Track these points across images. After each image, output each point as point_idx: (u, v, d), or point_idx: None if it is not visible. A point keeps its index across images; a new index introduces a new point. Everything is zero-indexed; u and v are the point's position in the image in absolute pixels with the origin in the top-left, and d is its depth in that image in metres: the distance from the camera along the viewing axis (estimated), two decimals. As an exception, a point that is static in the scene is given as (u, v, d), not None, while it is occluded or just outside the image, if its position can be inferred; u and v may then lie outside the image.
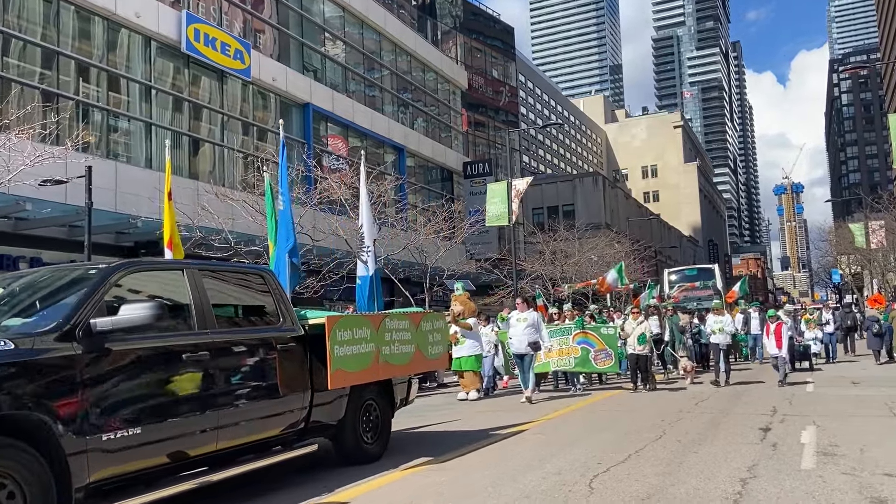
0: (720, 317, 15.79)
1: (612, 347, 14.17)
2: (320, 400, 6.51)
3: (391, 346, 7.13)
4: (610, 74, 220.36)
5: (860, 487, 5.72)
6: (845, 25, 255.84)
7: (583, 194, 57.53)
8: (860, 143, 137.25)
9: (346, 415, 6.89)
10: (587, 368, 14.35)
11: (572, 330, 14.38)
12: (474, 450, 7.83)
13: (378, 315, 7.54)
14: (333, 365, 6.17)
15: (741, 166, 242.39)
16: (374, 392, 7.38)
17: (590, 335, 14.11)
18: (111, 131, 20.81)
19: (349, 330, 6.54)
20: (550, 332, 14.04)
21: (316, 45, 29.58)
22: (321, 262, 19.78)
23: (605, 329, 14.65)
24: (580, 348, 14.01)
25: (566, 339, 14.17)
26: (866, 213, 49.45)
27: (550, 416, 10.66)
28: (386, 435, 7.56)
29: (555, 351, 14.00)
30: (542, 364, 13.86)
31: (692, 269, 39.67)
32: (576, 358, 14.00)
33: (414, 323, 7.69)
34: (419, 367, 8.05)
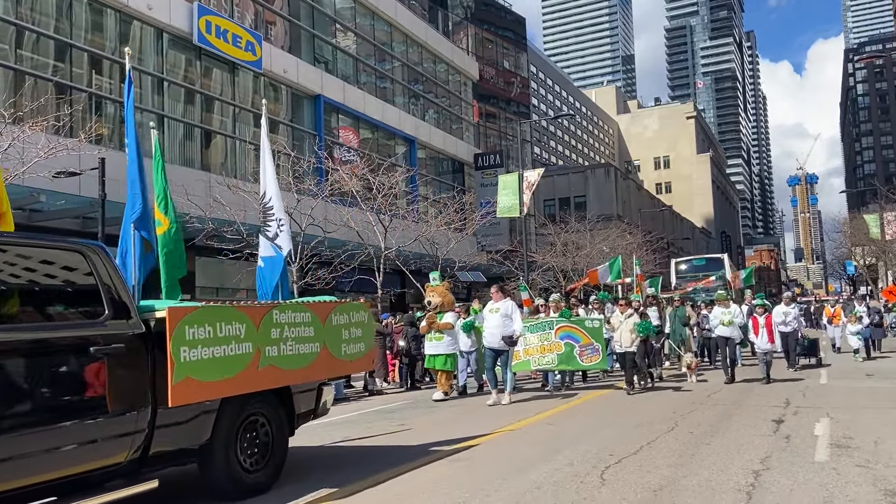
0: (727, 308, 14.25)
1: (598, 342, 12.69)
2: (169, 419, 4.99)
3: (281, 345, 5.74)
4: (622, 65, 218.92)
5: (874, 480, 5.69)
6: (860, 14, 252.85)
7: (594, 185, 57.29)
8: (875, 133, 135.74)
9: (215, 436, 5.40)
10: (572, 366, 12.93)
11: (555, 324, 12.86)
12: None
13: (260, 306, 5.81)
14: (179, 373, 4.77)
15: (755, 157, 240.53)
16: (264, 404, 5.94)
17: (574, 329, 12.69)
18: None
19: (208, 325, 5.08)
20: (531, 326, 12.85)
21: (327, 36, 29.55)
22: (332, 254, 19.83)
23: (590, 322, 13.18)
24: (563, 343, 12.60)
25: (548, 333, 12.74)
26: (881, 204, 48.95)
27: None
28: (278, 459, 6.04)
29: (536, 347, 12.66)
30: (521, 362, 12.68)
31: (700, 258, 38.76)
32: (559, 354, 12.61)
33: (319, 315, 6.27)
34: (327, 371, 6.53)
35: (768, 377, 13.18)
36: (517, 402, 11.71)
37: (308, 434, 8.19)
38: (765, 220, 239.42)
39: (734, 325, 13.78)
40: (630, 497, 5.36)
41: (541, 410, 10.59)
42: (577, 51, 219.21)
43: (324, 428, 9.90)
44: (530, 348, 12.67)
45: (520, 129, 37.88)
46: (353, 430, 9.51)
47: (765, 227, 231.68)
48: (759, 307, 14.44)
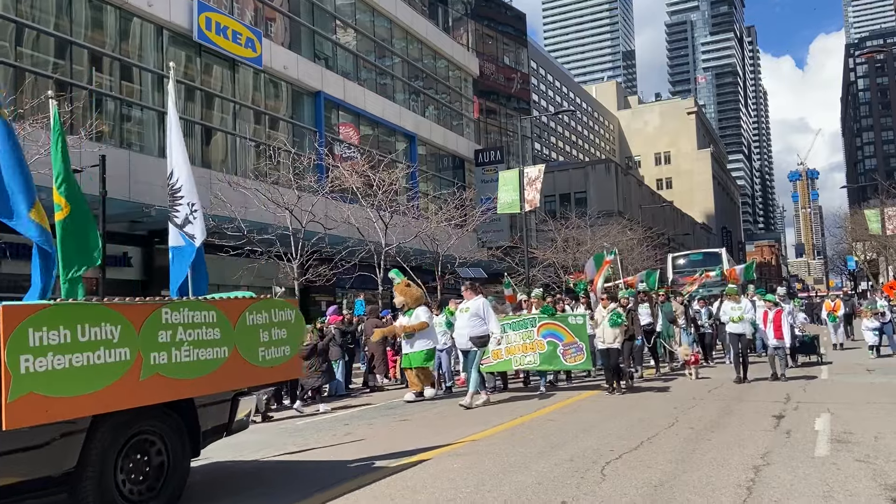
0: (738, 303, 13.52)
1: (582, 340, 11.91)
2: (12, 444, 4.10)
3: (174, 350, 4.87)
4: (623, 60, 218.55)
5: (874, 475, 5.70)
6: (861, 9, 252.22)
7: (595, 181, 57.26)
8: (876, 128, 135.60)
9: (84, 462, 4.52)
10: (555, 366, 12.21)
11: (537, 321, 12.14)
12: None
13: (141, 305, 4.84)
14: (18, 388, 3.93)
15: (755, 152, 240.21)
16: (157, 420, 5.06)
17: (557, 326, 11.95)
18: (124, 120, 20.91)
19: (64, 329, 4.19)
20: (512, 324, 12.16)
21: (327, 32, 29.53)
22: (333, 251, 19.85)
23: (574, 318, 12.34)
24: (546, 342, 11.89)
25: (530, 331, 12.05)
26: (882, 199, 48.96)
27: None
28: (175, 484, 5.17)
29: (518, 346, 12.02)
30: (502, 361, 12.11)
31: (697, 253, 37.80)
32: (541, 354, 11.91)
33: (229, 315, 5.37)
34: (239, 380, 5.59)
35: (776, 374, 12.87)
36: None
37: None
38: (766, 215, 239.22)
39: (745, 321, 13.12)
40: (630, 492, 5.37)
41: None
42: (577, 46, 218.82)
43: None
44: (512, 347, 12.04)
45: (520, 125, 37.81)
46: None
47: (766, 223, 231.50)
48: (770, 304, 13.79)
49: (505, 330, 11.87)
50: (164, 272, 20.41)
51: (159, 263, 20.27)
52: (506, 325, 11.97)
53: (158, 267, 20.22)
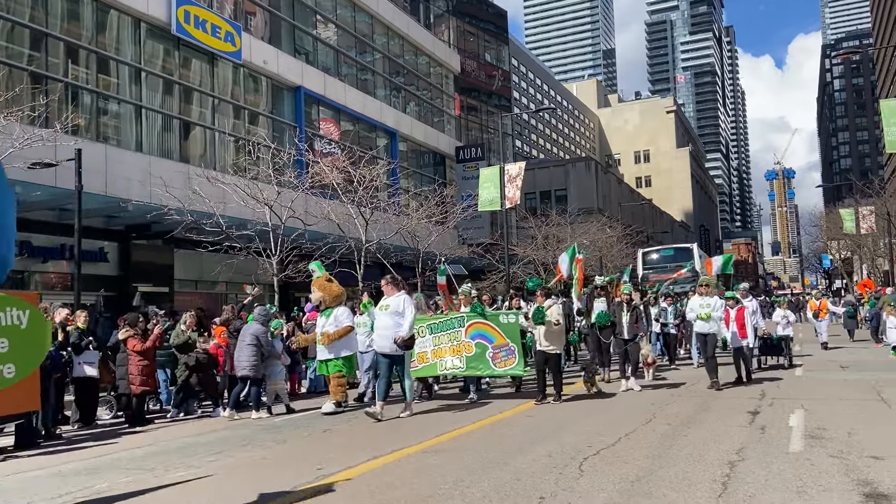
0: (708, 298, 12.10)
1: (514, 342, 10.69)
2: None
3: None
4: (603, 59, 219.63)
5: (847, 470, 5.79)
6: (838, 10, 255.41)
7: (575, 179, 57.50)
8: (851, 128, 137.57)
9: None
10: (483, 371, 10.90)
11: (466, 320, 10.91)
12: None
13: None
14: None
15: (733, 151, 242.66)
16: None
17: (487, 326, 10.76)
18: (101, 114, 20.63)
19: None
20: (438, 324, 11.05)
21: (308, 27, 29.34)
22: (313, 247, 19.75)
23: (505, 317, 11.08)
24: (474, 344, 10.70)
25: (458, 332, 10.85)
26: (856, 199, 49.69)
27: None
28: None
29: (446, 348, 10.84)
30: (427, 365, 10.92)
31: (668, 248, 36.28)
32: (468, 357, 10.72)
33: None
34: None
35: (740, 377, 12.14)
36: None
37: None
38: (743, 213, 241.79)
39: (713, 320, 11.88)
40: (608, 488, 5.41)
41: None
42: (558, 44, 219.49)
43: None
44: (440, 349, 10.85)
45: (501, 122, 37.84)
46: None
47: (743, 221, 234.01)
48: (731, 301, 12.77)
49: (432, 331, 10.87)
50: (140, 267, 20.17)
51: (136, 258, 20.06)
52: (431, 325, 10.93)
53: (135, 262, 20.01)
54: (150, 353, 10.52)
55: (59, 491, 6.14)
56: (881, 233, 42.93)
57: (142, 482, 6.34)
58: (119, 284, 19.76)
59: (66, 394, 10.58)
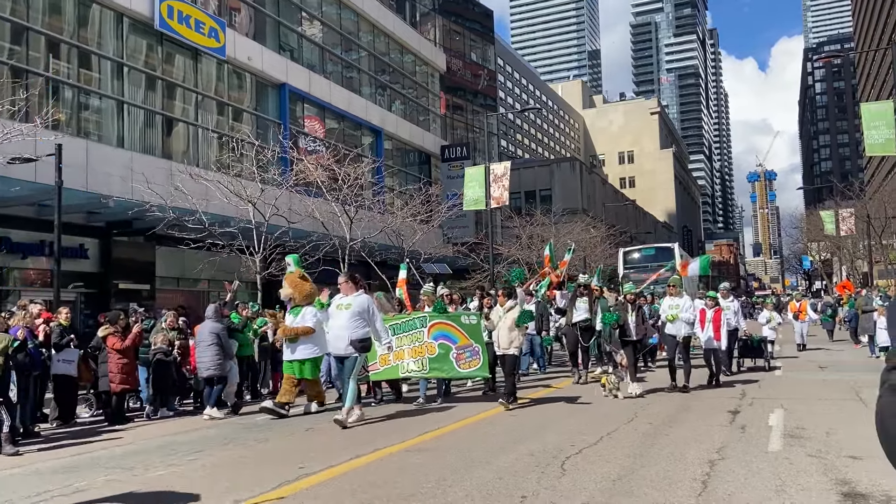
0: (677, 299, 11.90)
1: (478, 342, 10.39)
2: None
3: None
4: (588, 60, 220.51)
5: (825, 469, 5.86)
6: (820, 14, 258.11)
7: (560, 179, 57.67)
8: (832, 131, 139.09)
9: None
10: (447, 373, 10.59)
11: (428, 320, 10.54)
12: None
13: None
14: None
15: (716, 153, 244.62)
16: None
17: (450, 326, 10.40)
18: (82, 109, 20.40)
19: None
20: (400, 324, 10.60)
21: (293, 24, 29.19)
22: (297, 245, 19.67)
23: (467, 317, 10.77)
24: (437, 345, 10.35)
25: (420, 332, 10.46)
26: (837, 201, 50.23)
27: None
28: None
29: (408, 349, 10.41)
30: (389, 368, 10.52)
31: (649, 248, 35.76)
32: (431, 359, 10.35)
33: None
34: None
35: (711, 379, 11.92)
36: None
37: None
38: (725, 215, 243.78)
39: (679, 321, 11.59)
40: (590, 487, 5.44)
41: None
42: (544, 45, 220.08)
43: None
44: (401, 351, 10.41)
45: (486, 121, 37.91)
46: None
47: (725, 222, 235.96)
48: (710, 300, 12.63)
49: (394, 332, 10.35)
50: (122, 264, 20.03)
51: (117, 255, 19.86)
52: (393, 325, 10.48)
53: (116, 259, 19.81)
54: (129, 351, 10.42)
55: (37, 489, 6.07)
56: (860, 235, 43.45)
57: (121, 481, 6.28)
58: (99, 281, 19.55)
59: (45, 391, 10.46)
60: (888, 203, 40.93)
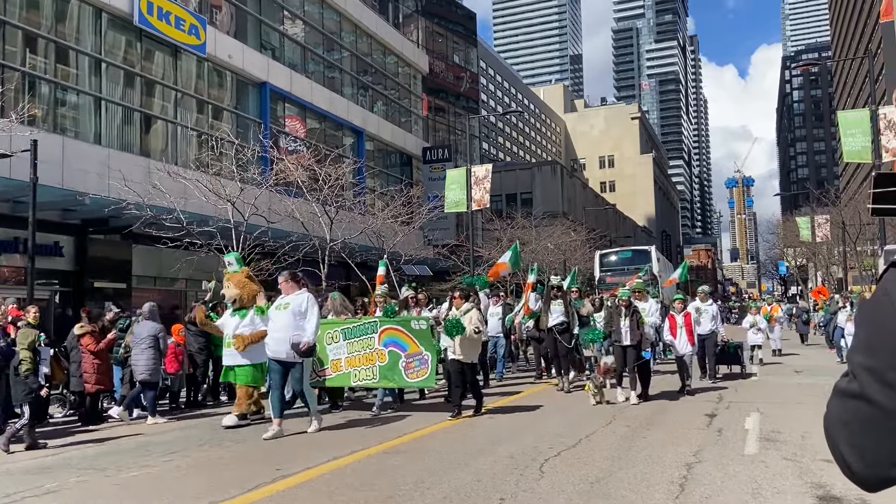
0: (642, 303, 11.58)
1: (428, 350, 9.64)
2: None
3: None
4: (570, 64, 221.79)
5: (801, 473, 5.90)
6: (799, 23, 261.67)
7: (541, 182, 57.89)
8: (809, 138, 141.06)
9: None
10: (396, 382, 9.86)
11: (378, 325, 9.88)
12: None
13: None
14: None
15: (695, 159, 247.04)
16: None
17: (399, 332, 9.71)
18: (59, 105, 20.11)
19: None
20: (354, 328, 9.98)
21: (274, 23, 29.01)
22: (276, 245, 19.53)
23: (416, 322, 9.97)
24: (387, 352, 9.67)
25: (371, 338, 9.82)
26: (813, 207, 50.87)
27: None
28: None
29: (360, 356, 9.82)
30: (341, 375, 9.91)
31: (626, 250, 35.00)
32: (381, 366, 9.67)
33: None
34: None
35: (683, 388, 11.40)
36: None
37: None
38: (703, 220, 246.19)
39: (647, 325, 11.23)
40: (568, 489, 5.43)
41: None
42: (526, 48, 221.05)
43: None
44: (354, 357, 9.83)
45: (468, 124, 37.91)
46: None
47: (703, 227, 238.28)
48: (679, 301, 12.17)
49: (346, 336, 9.90)
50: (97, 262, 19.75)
51: (93, 253, 19.60)
52: (346, 330, 10.01)
53: (92, 257, 19.55)
54: (103, 351, 10.25)
55: (7, 490, 5.95)
56: (836, 241, 44.00)
57: (93, 482, 6.18)
58: (75, 280, 19.28)
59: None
60: (863, 210, 41.53)
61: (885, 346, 1.05)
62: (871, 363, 1.06)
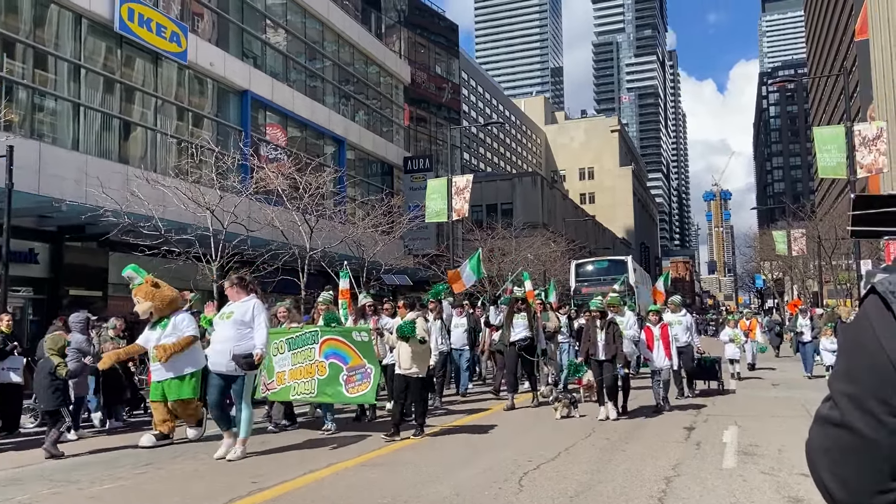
0: (619, 316, 11.14)
1: (371, 363, 8.94)
2: None
3: None
4: (551, 76, 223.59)
5: (778, 487, 5.94)
6: (775, 40, 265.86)
7: (522, 193, 58.13)
8: (785, 153, 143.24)
9: None
10: (335, 398, 9.13)
11: (320, 335, 9.21)
12: None
13: None
14: None
15: (674, 172, 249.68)
16: None
17: (342, 343, 9.04)
18: (36, 110, 19.85)
19: None
20: (295, 338, 9.31)
21: (257, 31, 28.92)
22: (255, 253, 19.40)
23: (358, 333, 9.23)
24: (328, 364, 8.97)
25: (311, 349, 9.14)
26: (789, 221, 51.54)
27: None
28: None
29: (302, 368, 9.13)
30: (282, 388, 9.19)
31: (602, 260, 34.28)
32: (320, 380, 8.97)
33: None
34: None
35: (660, 403, 10.93)
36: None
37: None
38: (681, 232, 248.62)
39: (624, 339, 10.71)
40: (547, 503, 5.42)
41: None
42: (508, 60, 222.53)
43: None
44: (296, 369, 9.15)
45: (450, 134, 38.04)
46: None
47: (681, 240, 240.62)
48: (653, 313, 11.62)
49: (291, 347, 9.26)
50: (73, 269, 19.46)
51: (68, 260, 19.33)
52: (290, 340, 9.32)
53: (68, 265, 19.28)
54: None
55: (-26, 505, 5.82)
56: (811, 255, 44.59)
57: (66, 495, 6.06)
58: (50, 287, 18.98)
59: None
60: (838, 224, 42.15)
61: (865, 373, 1.06)
62: (851, 390, 1.07)
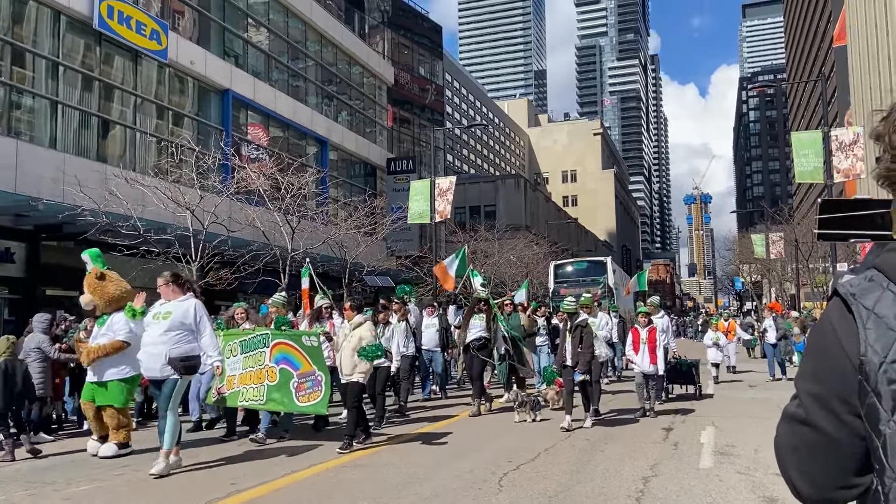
0: (592, 317, 10.78)
1: (321, 370, 8.41)
2: None
3: None
4: (535, 79, 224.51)
5: (753, 486, 6.01)
6: (755, 45, 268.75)
7: (504, 195, 58.29)
8: (764, 157, 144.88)
9: None
10: (285, 406, 8.59)
11: (270, 339, 8.79)
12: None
13: None
14: None
15: (655, 175, 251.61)
16: None
17: (292, 348, 8.59)
18: (14, 108, 19.60)
19: None
20: (247, 341, 8.92)
21: (238, 30, 28.75)
22: (236, 254, 19.28)
23: (308, 338, 8.74)
24: (278, 370, 8.58)
25: (262, 353, 8.75)
26: (767, 225, 52.11)
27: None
28: None
29: (253, 372, 8.73)
30: (232, 393, 8.83)
31: (581, 261, 33.85)
32: (269, 386, 8.58)
33: None
34: None
35: (645, 409, 10.41)
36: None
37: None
38: (662, 235, 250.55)
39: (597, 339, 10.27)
40: (526, 503, 5.44)
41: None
42: (491, 63, 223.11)
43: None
44: (246, 374, 8.79)
45: (433, 135, 38.09)
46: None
47: (662, 243, 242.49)
48: (642, 315, 11.04)
49: (243, 350, 8.88)
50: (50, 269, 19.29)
51: (45, 260, 19.10)
52: (243, 342, 8.98)
53: (45, 263, 19.05)
54: (56, 360, 9.96)
55: (-54, 507, 5.73)
56: (789, 258, 45.11)
57: (42, 497, 5.98)
58: (26, 287, 18.75)
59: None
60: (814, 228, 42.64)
61: (829, 374, 1.09)
62: (816, 390, 1.11)
